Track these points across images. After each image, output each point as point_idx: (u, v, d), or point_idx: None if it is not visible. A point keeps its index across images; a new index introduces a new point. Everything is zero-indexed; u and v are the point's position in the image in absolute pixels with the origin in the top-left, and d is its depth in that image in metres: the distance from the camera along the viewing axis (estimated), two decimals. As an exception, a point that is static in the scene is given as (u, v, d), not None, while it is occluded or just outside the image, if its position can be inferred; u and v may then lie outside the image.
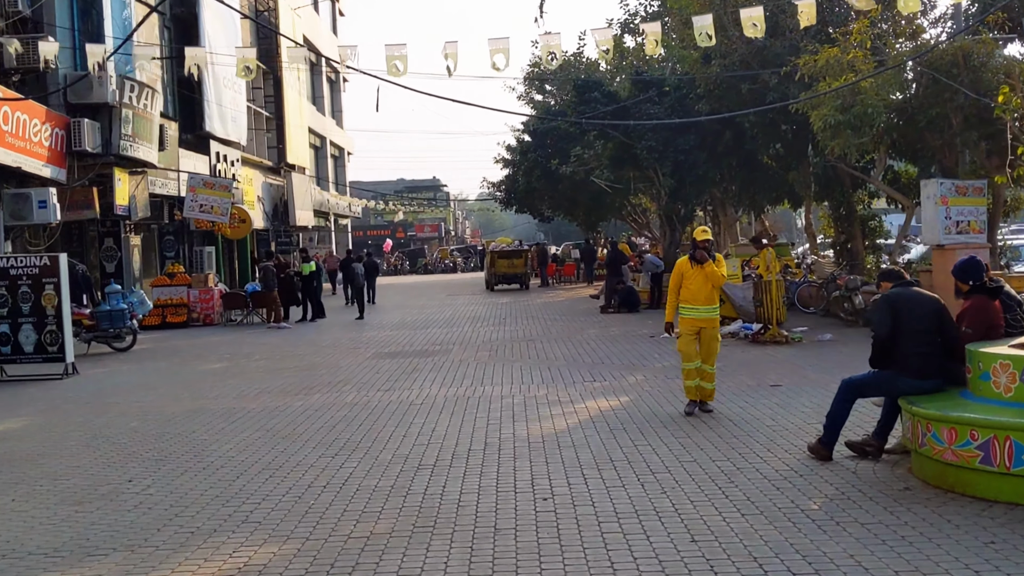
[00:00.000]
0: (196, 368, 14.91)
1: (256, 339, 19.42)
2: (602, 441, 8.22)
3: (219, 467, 7.90)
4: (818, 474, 6.83)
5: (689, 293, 9.31)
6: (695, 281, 9.29)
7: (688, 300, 9.33)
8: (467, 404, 10.34)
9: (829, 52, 15.26)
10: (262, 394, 11.83)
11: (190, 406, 11.16)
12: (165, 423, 10.10)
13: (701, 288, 9.28)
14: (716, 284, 9.36)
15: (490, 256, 34.95)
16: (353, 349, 16.46)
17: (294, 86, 38.26)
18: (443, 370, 13.18)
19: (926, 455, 6.41)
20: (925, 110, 14.72)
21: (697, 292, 9.29)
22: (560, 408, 9.91)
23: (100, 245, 23.28)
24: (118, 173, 20.81)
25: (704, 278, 9.27)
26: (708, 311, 9.32)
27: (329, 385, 12.24)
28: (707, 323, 9.32)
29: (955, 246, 14.66)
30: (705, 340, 9.32)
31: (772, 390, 10.46)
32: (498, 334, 18.09)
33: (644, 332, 17.19)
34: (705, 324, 9.31)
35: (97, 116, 20.17)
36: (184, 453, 8.54)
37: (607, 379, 11.84)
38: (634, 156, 25.20)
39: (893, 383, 6.92)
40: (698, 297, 9.28)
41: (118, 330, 17.96)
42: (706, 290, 9.28)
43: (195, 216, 24.40)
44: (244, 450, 8.52)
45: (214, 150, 27.95)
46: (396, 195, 74.13)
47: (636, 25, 35.08)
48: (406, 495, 6.72)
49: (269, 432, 9.31)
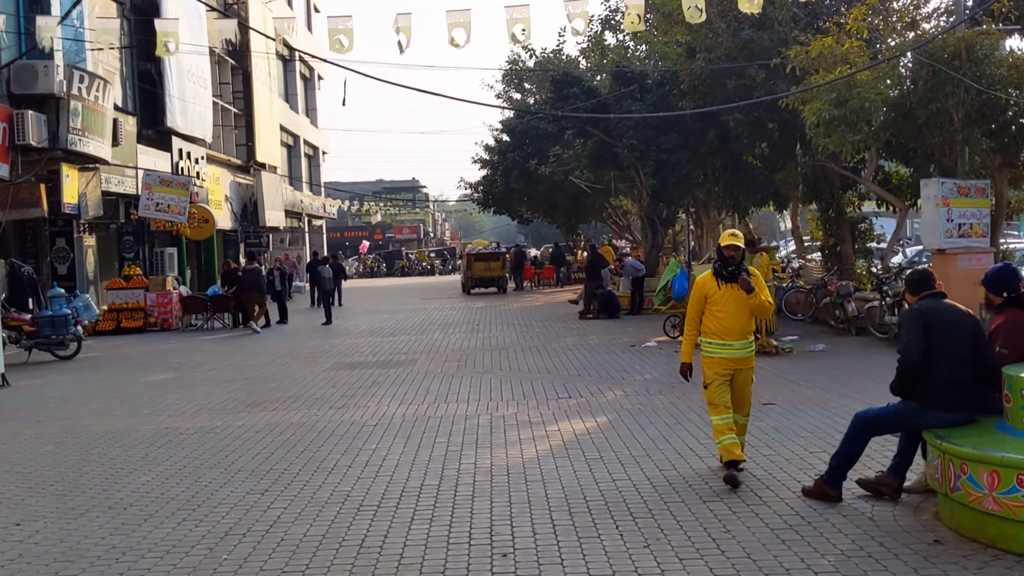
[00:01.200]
0: (138, 379, 13.71)
1: (212, 346, 18.22)
2: (575, 473, 7.14)
3: (128, 505, 6.77)
4: (829, 520, 5.78)
5: (716, 323, 6.82)
6: (725, 307, 6.82)
7: (715, 333, 6.84)
8: (426, 426, 9.24)
9: (823, 42, 14.28)
10: (202, 411, 10.68)
11: (119, 425, 9.99)
12: (85, 447, 8.94)
13: (734, 316, 6.80)
14: (760, 314, 7.02)
15: (466, 259, 33.83)
16: (312, 359, 15.31)
17: (264, 82, 37.00)
18: (405, 384, 12.07)
19: (960, 501, 5.37)
20: (925, 105, 13.75)
21: (728, 321, 6.80)
22: (530, 431, 8.83)
23: (52, 246, 22.01)
24: (66, 169, 19.53)
25: (737, 303, 6.82)
26: (743, 348, 6.86)
27: (277, 402, 11.10)
28: (742, 364, 6.88)
29: (956, 251, 13.74)
30: (739, 385, 6.94)
31: (765, 410, 9.41)
32: (470, 342, 16.99)
33: (624, 341, 16.15)
34: (740, 365, 6.87)
35: (43, 108, 18.91)
36: (94, 486, 7.39)
37: (584, 395, 10.76)
38: (615, 155, 24.20)
39: (919, 418, 5.85)
40: (730, 329, 6.79)
41: (61, 337, 16.72)
42: (741, 318, 6.82)
43: (151, 215, 23.14)
44: (164, 482, 7.38)
45: (177, 147, 26.68)
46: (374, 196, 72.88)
47: (618, 22, 34.14)
48: (338, 548, 5.61)
49: (198, 459, 8.17)
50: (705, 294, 6.93)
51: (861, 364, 12.48)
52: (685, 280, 15.59)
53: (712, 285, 6.91)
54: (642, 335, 16.76)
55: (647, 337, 16.27)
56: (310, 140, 47.61)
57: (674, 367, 12.94)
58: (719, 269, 6.93)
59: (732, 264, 6.84)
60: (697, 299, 6.99)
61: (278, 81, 41.10)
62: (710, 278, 6.97)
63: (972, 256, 13.61)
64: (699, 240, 32.08)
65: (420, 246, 73.93)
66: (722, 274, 6.89)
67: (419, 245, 74.72)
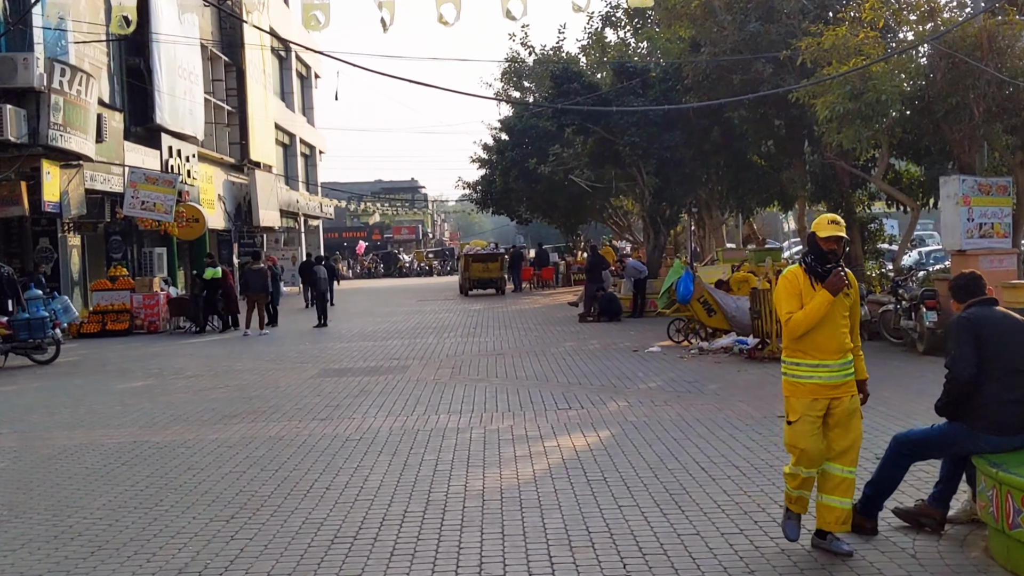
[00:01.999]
0: (114, 386, 12.99)
1: (196, 351, 17.50)
2: (576, 498, 6.42)
3: (76, 535, 6.05)
4: (865, 559, 5.07)
5: (809, 340, 5.17)
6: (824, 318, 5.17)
7: (808, 349, 5.18)
8: (414, 441, 8.52)
9: (836, 32, 13.57)
10: (174, 423, 9.96)
11: (83, 438, 9.27)
12: (42, 464, 8.22)
13: (834, 326, 5.19)
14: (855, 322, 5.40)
15: (464, 260, 33.11)
16: (298, 364, 14.59)
17: (259, 79, 36.29)
18: (394, 393, 11.34)
19: (1019, 539, 4.66)
20: (944, 98, 13.04)
21: (825, 333, 5.16)
22: (526, 447, 8.11)
23: (35, 246, 21.30)
24: (47, 166, 18.84)
25: (837, 308, 5.20)
26: (843, 369, 5.21)
27: (256, 412, 10.38)
28: (842, 390, 5.20)
29: (978, 251, 13.03)
30: (839, 418, 5.19)
31: (780, 423, 8.59)
32: (465, 347, 16.27)
33: (626, 345, 15.43)
34: (840, 393, 5.19)
35: (23, 103, 18.22)
36: (42, 511, 6.67)
37: (584, 405, 10.04)
38: (616, 153, 23.48)
39: (967, 442, 5.14)
40: (826, 343, 5.16)
41: (38, 340, 16.01)
42: (841, 329, 5.22)
43: (136, 214, 22.42)
44: (119, 507, 6.66)
45: (166, 144, 25.96)
46: (373, 196, 72.15)
47: (618, 18, 33.45)
48: (304, 591, 4.90)
49: (161, 479, 7.45)
50: (801, 293, 5.22)
51: (879, 372, 11.69)
52: (690, 282, 14.87)
53: (806, 285, 5.24)
54: (645, 339, 16.05)
55: (650, 342, 15.56)
56: (307, 139, 46.90)
57: (680, 373, 12.32)
58: (813, 266, 5.26)
59: (833, 261, 5.23)
60: (792, 296, 5.21)
61: (274, 79, 40.40)
62: (802, 278, 5.26)
63: (994, 257, 12.90)
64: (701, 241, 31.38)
65: (419, 247, 73.21)
66: (817, 272, 5.23)
67: (418, 246, 74.01)
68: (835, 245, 5.22)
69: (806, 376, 5.18)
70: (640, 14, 32.54)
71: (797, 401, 5.20)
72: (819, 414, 5.15)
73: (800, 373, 5.20)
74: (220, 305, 21.22)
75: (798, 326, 5.14)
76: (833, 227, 5.25)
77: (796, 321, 5.15)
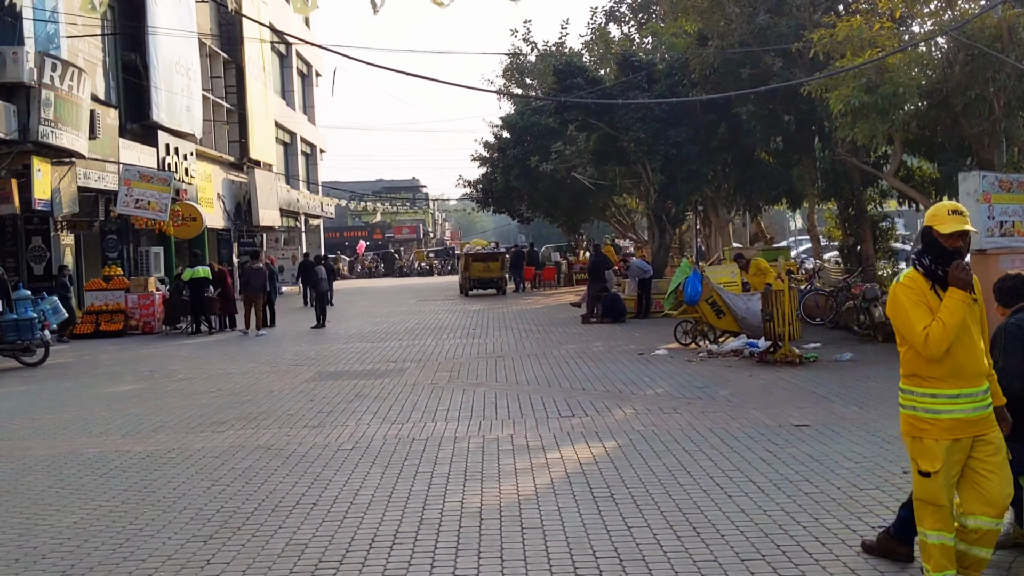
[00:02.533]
0: (102, 390, 12.54)
1: (190, 352, 17.04)
2: (581, 516, 5.96)
3: (41, 557, 5.59)
4: (902, 590, 4.60)
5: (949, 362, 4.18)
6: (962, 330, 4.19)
7: (938, 376, 4.20)
8: (408, 450, 8.05)
9: (850, 23, 13.08)
10: (160, 430, 9.50)
11: (63, 447, 8.82)
12: (16, 475, 7.77)
13: (972, 346, 4.24)
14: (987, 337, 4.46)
15: (464, 259, 32.61)
16: (293, 367, 14.13)
17: (259, 77, 35.83)
18: (390, 398, 10.87)
19: (1076, 572, 4.19)
20: (963, 92, 12.56)
21: (963, 352, 4.20)
22: (527, 458, 7.64)
23: (27, 245, 20.87)
24: (38, 163, 18.38)
25: (972, 321, 4.26)
26: (985, 397, 4.26)
27: (246, 418, 9.91)
28: (983, 426, 4.24)
29: (999, 251, 12.51)
30: (982, 457, 4.24)
31: (798, 433, 8.22)
32: (465, 349, 15.80)
33: (631, 348, 14.96)
34: (982, 429, 4.23)
35: (13, 98, 17.77)
36: (10, 529, 6.22)
37: (588, 413, 9.57)
38: (620, 150, 23.01)
39: (1015, 460, 4.66)
40: (962, 366, 4.19)
41: (27, 342, 15.57)
42: (978, 347, 4.28)
43: (129, 212, 21.97)
44: (91, 525, 6.20)
45: (163, 142, 25.49)
46: (374, 195, 71.68)
47: (622, 13, 33.00)
48: (281, 626, 4.44)
49: (138, 493, 6.99)
50: (927, 302, 4.19)
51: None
52: (698, 282, 14.40)
53: (931, 296, 4.21)
54: (651, 342, 15.56)
55: (656, 344, 15.08)
56: (307, 138, 46.43)
57: (688, 378, 11.83)
58: (933, 269, 4.23)
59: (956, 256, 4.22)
60: (919, 306, 4.18)
61: (274, 77, 39.96)
62: (922, 283, 4.24)
63: (1016, 256, 12.35)
64: (707, 240, 30.90)
65: (420, 246, 72.75)
66: (938, 276, 4.22)
67: (419, 245, 73.55)
68: (960, 242, 4.23)
69: (946, 411, 4.16)
70: (644, 8, 32.13)
71: (935, 443, 4.18)
72: (959, 462, 4.20)
73: (939, 407, 4.17)
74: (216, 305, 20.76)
75: (942, 339, 4.07)
76: (956, 220, 4.25)
77: (937, 334, 4.07)
